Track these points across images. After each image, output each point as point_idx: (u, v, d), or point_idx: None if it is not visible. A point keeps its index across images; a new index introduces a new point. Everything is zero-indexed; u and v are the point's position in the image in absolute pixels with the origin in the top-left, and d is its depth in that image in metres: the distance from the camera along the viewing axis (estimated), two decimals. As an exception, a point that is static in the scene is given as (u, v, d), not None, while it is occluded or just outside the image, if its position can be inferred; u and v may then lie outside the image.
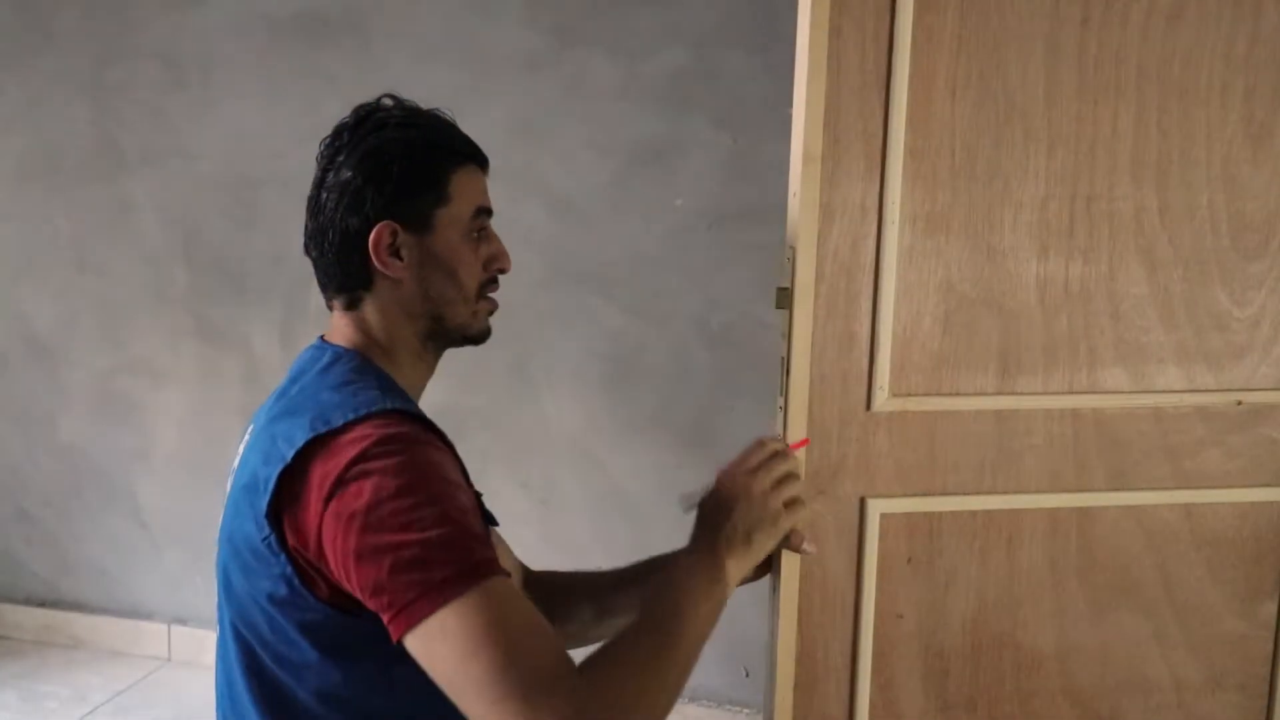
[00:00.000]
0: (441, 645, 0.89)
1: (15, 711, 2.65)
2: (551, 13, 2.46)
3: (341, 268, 1.09)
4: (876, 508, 1.16)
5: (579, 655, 0.94)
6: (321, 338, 1.15)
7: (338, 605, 0.98)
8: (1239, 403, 1.21)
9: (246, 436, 1.13)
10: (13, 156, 2.84)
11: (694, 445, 2.53)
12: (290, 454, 0.98)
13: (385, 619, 0.92)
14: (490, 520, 1.09)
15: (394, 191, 1.07)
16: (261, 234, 2.71)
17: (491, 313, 1.15)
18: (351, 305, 1.11)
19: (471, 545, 0.93)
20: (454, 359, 1.18)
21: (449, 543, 0.91)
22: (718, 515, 1.05)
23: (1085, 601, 1.22)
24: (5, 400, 2.97)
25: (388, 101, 1.11)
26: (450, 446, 1.03)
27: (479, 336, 1.15)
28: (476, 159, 1.13)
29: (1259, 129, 1.17)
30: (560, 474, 2.60)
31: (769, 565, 1.14)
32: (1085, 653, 1.23)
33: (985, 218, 1.14)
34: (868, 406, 1.14)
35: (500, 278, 1.14)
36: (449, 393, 1.18)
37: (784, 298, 1.11)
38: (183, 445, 2.87)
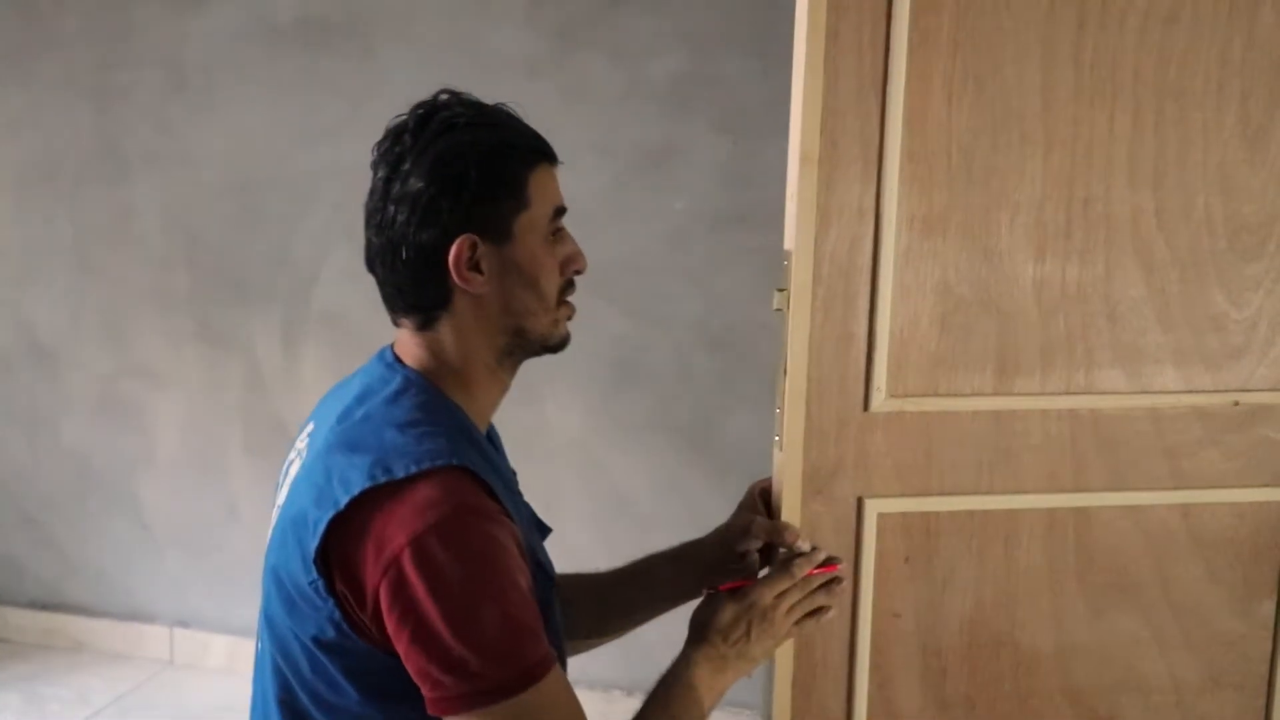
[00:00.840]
0: None
1: (18, 714, 2.66)
2: (552, 17, 2.47)
3: (416, 286, 1.02)
4: (874, 507, 1.16)
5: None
6: (393, 351, 1.08)
7: (385, 648, 0.96)
8: (1236, 403, 1.22)
9: (304, 440, 1.09)
10: (16, 160, 2.85)
11: (695, 447, 2.53)
12: (344, 501, 0.94)
13: (424, 694, 0.93)
14: (551, 580, 1.07)
15: (471, 201, 1.00)
16: (264, 238, 2.72)
17: (570, 317, 1.10)
18: (425, 325, 1.04)
19: (525, 648, 0.93)
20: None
21: (504, 650, 0.92)
22: (736, 630, 1.07)
23: (1083, 601, 1.22)
24: (8, 404, 2.98)
25: (446, 98, 1.04)
26: (506, 506, 0.99)
27: (560, 344, 1.10)
28: (549, 156, 1.06)
29: (1255, 131, 1.17)
30: (561, 476, 2.61)
31: None
32: (1083, 652, 1.23)
33: (982, 220, 1.14)
34: (865, 407, 1.15)
35: None
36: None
37: (783, 299, 1.12)
38: (185, 448, 2.87)
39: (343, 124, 2.56)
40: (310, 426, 1.11)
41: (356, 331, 2.66)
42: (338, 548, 0.95)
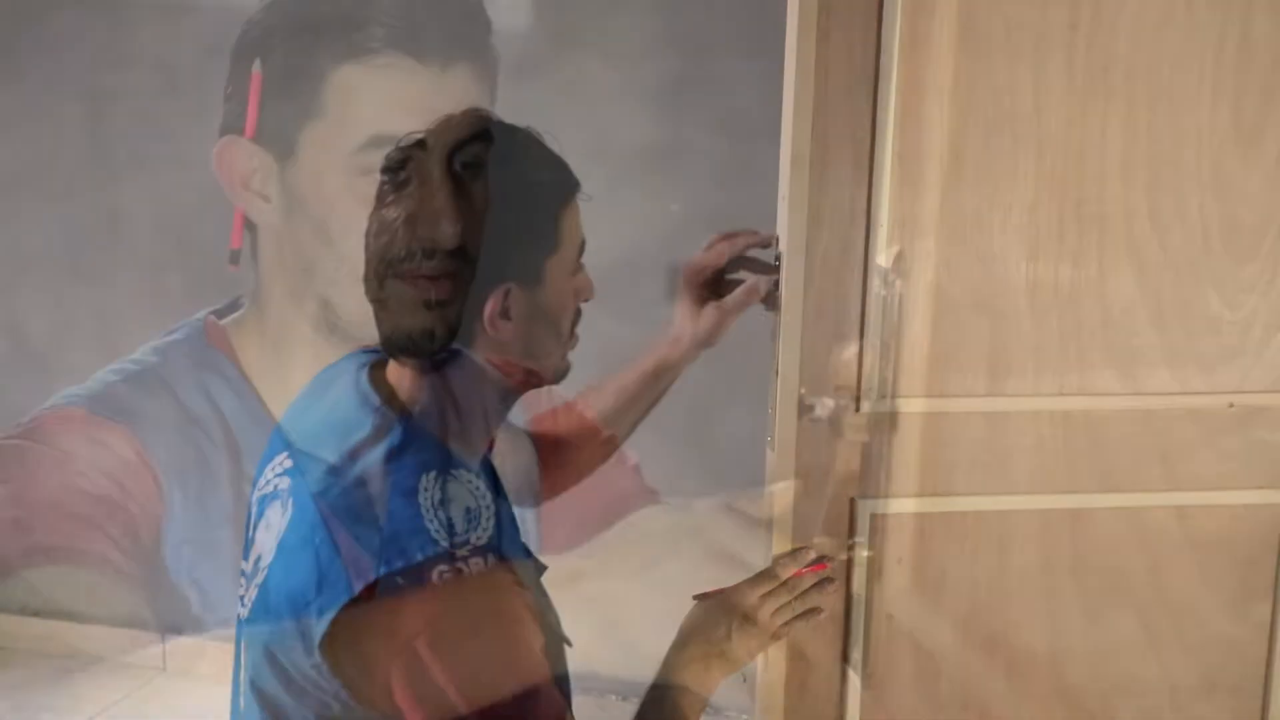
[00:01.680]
0: None
1: (10, 721, 2.65)
2: (548, 18, 2.47)
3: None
4: (866, 508, 1.16)
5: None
6: (378, 383, 1.00)
7: (390, 711, 0.92)
8: (1230, 405, 1.21)
9: (281, 475, 1.01)
10: (5, 163, 2.84)
11: (690, 450, 2.53)
12: (358, 588, 0.88)
13: None
14: (564, 640, 1.05)
15: (507, 249, 0.95)
16: (256, 241, 2.71)
17: (574, 347, 1.06)
18: (433, 368, 0.98)
19: (540, 710, 0.92)
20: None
21: (519, 717, 0.90)
22: (717, 630, 1.06)
23: (1077, 603, 1.22)
24: None
25: (474, 122, 0.97)
26: (519, 573, 0.96)
27: (562, 378, 1.06)
28: (576, 186, 1.02)
29: (1249, 133, 1.17)
30: (556, 480, 2.60)
31: None
32: (1078, 654, 1.23)
33: (974, 221, 1.14)
34: (857, 408, 1.14)
35: None
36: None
37: (775, 301, 1.12)
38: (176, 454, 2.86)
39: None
40: (287, 461, 1.02)
41: (350, 336, 2.65)
42: (346, 630, 0.90)
